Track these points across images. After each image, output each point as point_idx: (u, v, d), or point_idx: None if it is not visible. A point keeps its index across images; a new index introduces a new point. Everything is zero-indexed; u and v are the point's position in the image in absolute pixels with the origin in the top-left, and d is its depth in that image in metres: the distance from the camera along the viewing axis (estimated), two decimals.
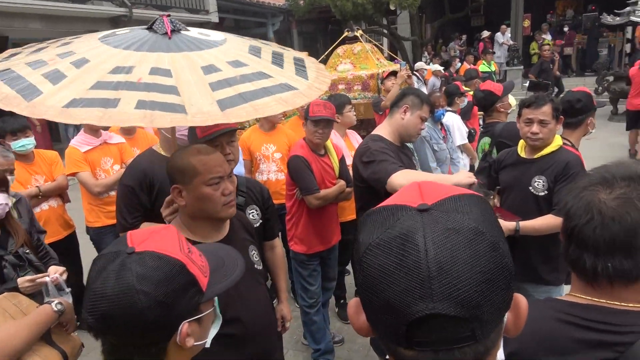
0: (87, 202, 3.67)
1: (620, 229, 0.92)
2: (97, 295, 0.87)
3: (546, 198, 2.37)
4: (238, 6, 16.16)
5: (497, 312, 0.57)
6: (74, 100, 1.42)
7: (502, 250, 0.57)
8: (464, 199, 0.60)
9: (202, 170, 1.58)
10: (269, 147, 3.82)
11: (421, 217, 0.57)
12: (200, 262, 0.98)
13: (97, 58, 1.58)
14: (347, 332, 3.70)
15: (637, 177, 0.96)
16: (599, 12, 14.04)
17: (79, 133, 3.74)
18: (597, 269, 0.95)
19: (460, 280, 0.53)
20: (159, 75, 1.55)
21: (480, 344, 0.56)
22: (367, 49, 5.87)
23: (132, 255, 0.89)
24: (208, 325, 1.02)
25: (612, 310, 0.96)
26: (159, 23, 1.73)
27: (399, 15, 15.78)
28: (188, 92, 1.52)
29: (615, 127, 9.76)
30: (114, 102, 1.43)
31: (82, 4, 10.01)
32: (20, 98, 1.41)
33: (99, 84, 1.47)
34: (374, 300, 0.57)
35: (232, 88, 1.59)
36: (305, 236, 3.14)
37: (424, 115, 2.56)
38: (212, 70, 1.64)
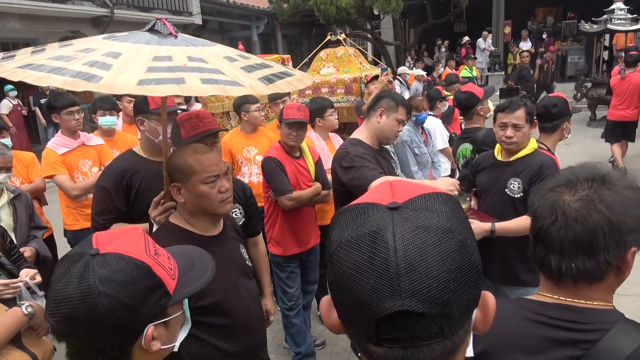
0: (65, 204, 3.60)
1: (582, 229, 0.94)
2: (59, 297, 0.85)
3: (522, 200, 2.42)
4: (222, 8, 16.11)
5: (465, 309, 0.57)
6: (141, 81, 1.43)
7: (470, 248, 0.57)
8: (434, 198, 0.60)
9: (198, 170, 1.65)
10: (251, 149, 3.82)
11: (391, 215, 0.57)
12: (168, 265, 0.96)
13: (127, 51, 1.57)
14: (329, 335, 3.70)
15: (599, 178, 0.99)
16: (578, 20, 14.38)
17: (57, 134, 3.67)
18: (561, 268, 0.97)
19: (428, 277, 0.54)
20: (198, 61, 1.60)
21: (448, 340, 0.57)
22: (351, 53, 5.90)
23: (95, 257, 0.87)
24: (176, 329, 1.00)
25: (577, 309, 0.98)
26: (160, 25, 1.73)
27: (382, 20, 15.91)
28: (230, 72, 1.61)
29: (593, 133, 9.97)
30: (181, 80, 1.47)
31: (62, 4, 9.87)
32: (82, 81, 1.39)
33: (152, 69, 1.49)
34: (344, 297, 0.58)
35: (260, 71, 1.74)
36: (282, 238, 3.14)
37: (400, 118, 2.57)
38: (233, 60, 1.75)
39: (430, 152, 4.29)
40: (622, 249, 0.95)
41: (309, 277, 3.39)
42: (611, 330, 0.93)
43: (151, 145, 2.23)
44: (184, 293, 0.97)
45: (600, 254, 0.94)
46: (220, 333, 1.68)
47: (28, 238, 2.82)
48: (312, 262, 3.35)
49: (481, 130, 3.51)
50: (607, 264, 0.95)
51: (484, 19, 16.81)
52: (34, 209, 2.90)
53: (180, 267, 1.01)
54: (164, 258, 0.96)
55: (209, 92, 1.53)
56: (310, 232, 3.26)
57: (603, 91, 10.34)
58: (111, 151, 3.78)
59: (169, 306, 0.94)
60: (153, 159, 2.21)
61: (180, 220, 1.74)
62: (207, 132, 2.05)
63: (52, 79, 1.39)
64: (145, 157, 2.23)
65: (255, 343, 1.87)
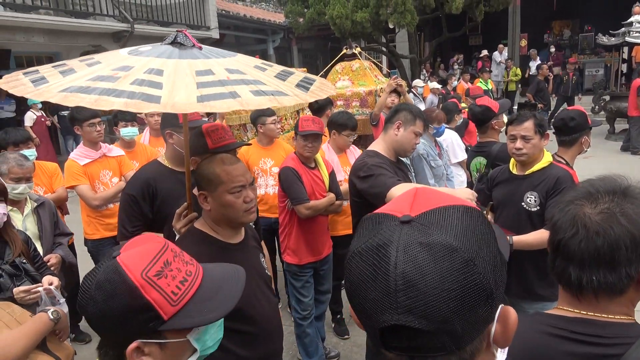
0: (86, 214, 3.68)
1: (603, 242, 0.94)
2: (82, 284, 0.92)
3: (539, 213, 2.40)
4: (239, 23, 16.36)
5: (471, 327, 0.57)
6: (201, 97, 1.45)
7: (478, 267, 0.56)
8: (450, 211, 0.60)
9: (225, 180, 1.70)
10: (267, 161, 3.86)
11: (400, 229, 0.59)
12: (172, 289, 0.91)
13: (167, 67, 1.55)
14: (343, 347, 3.69)
15: (620, 191, 0.99)
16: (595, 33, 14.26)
17: (79, 146, 3.77)
18: (582, 281, 0.97)
19: (426, 295, 0.54)
20: (236, 74, 1.62)
21: (454, 355, 0.58)
22: (366, 66, 5.95)
23: (110, 260, 0.91)
24: (178, 353, 0.95)
25: (599, 323, 0.97)
26: (182, 37, 1.73)
27: (397, 33, 15.98)
28: (269, 82, 1.64)
29: (612, 146, 9.84)
30: (235, 94, 1.49)
31: (85, 19, 10.14)
32: (144, 102, 1.38)
33: (201, 84, 1.49)
34: (354, 304, 0.62)
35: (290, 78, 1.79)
36: (297, 247, 3.18)
37: (417, 130, 2.58)
38: (263, 69, 1.79)
39: (444, 164, 4.29)
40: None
41: (322, 287, 3.40)
42: (634, 344, 0.92)
43: (178, 157, 2.30)
44: (185, 323, 0.91)
45: (622, 268, 0.94)
46: (239, 339, 1.70)
47: (53, 245, 2.89)
48: (326, 272, 3.38)
49: (496, 145, 3.50)
50: (629, 278, 0.95)
51: (500, 32, 16.79)
52: (58, 217, 2.97)
53: (201, 293, 0.95)
54: (169, 280, 0.91)
55: (264, 105, 1.53)
56: (324, 241, 3.29)
57: (622, 104, 10.23)
58: (131, 162, 3.86)
59: (166, 330, 0.90)
60: (178, 169, 2.29)
61: (205, 226, 1.79)
62: (233, 144, 2.17)
63: (111, 102, 1.36)
64: (170, 167, 2.31)
65: (272, 352, 1.89)
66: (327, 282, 3.43)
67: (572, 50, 17.92)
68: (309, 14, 13.79)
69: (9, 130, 3.58)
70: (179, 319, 0.90)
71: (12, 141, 3.46)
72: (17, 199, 2.83)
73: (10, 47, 9.68)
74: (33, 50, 10.48)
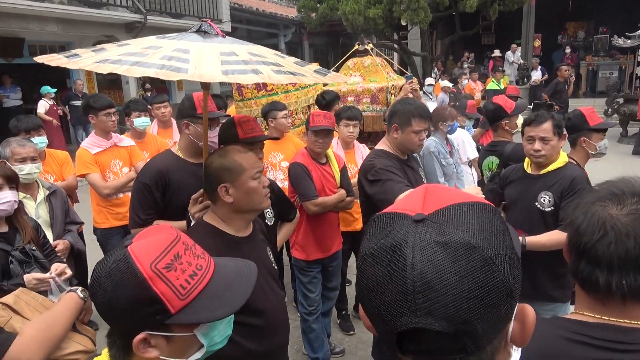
0: (96, 203, 3.70)
1: (635, 244, 0.91)
2: (93, 272, 0.92)
3: (553, 214, 2.37)
4: (251, 17, 16.36)
5: (491, 327, 0.56)
6: (226, 71, 1.54)
7: (498, 265, 0.55)
8: (465, 209, 0.58)
9: (247, 166, 1.74)
10: (277, 155, 3.85)
11: (414, 228, 0.57)
12: (182, 283, 0.89)
13: (193, 47, 1.67)
14: (348, 343, 3.68)
15: None
16: (610, 35, 14.09)
17: (90, 135, 3.79)
18: (611, 285, 0.93)
19: (446, 296, 0.52)
20: (259, 57, 1.70)
21: (474, 356, 0.56)
22: (377, 63, 5.90)
23: (121, 250, 0.91)
24: (184, 347, 0.94)
25: (622, 329, 0.95)
26: (206, 26, 1.84)
27: (409, 30, 15.89)
28: (289, 65, 1.73)
29: (624, 149, 9.73)
30: (257, 71, 1.57)
31: (98, 9, 10.18)
32: (172, 72, 1.50)
33: (225, 62, 1.58)
34: (368, 307, 0.59)
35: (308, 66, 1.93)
36: (305, 243, 3.16)
37: (416, 129, 2.49)
38: (282, 56, 1.88)
39: (455, 162, 4.26)
40: None
41: (330, 283, 3.39)
42: None
43: (192, 148, 2.31)
44: (192, 318, 0.90)
45: None
46: (247, 332, 1.70)
47: (64, 232, 2.91)
48: (335, 268, 3.36)
49: (509, 145, 3.46)
50: None
51: (513, 32, 16.63)
52: (69, 205, 2.99)
53: (211, 289, 0.93)
54: (178, 274, 0.89)
55: (285, 81, 1.65)
56: (333, 238, 3.27)
57: (635, 107, 10.10)
58: (142, 153, 3.87)
59: (171, 323, 0.89)
60: (190, 160, 2.30)
61: (215, 219, 1.79)
62: (262, 136, 2.28)
63: (142, 71, 1.49)
64: (182, 157, 2.31)
65: (278, 345, 1.89)
66: (336, 278, 3.42)
67: (586, 52, 17.71)
68: (322, 9, 13.75)
69: (21, 118, 3.62)
70: (186, 313, 0.89)
71: (24, 128, 3.50)
72: (27, 180, 2.85)
73: (24, 35, 9.74)
74: (46, 40, 10.53)
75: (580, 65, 15.82)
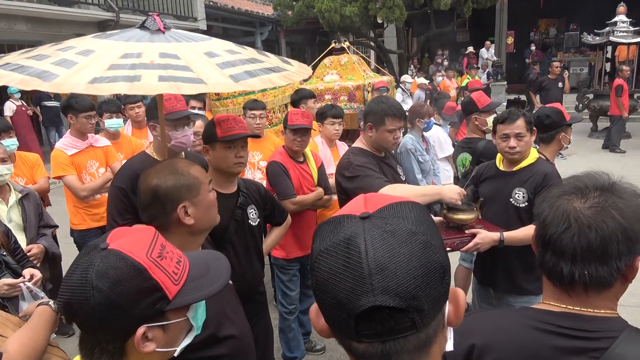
0: (73, 204, 3.65)
1: (596, 236, 0.95)
2: (64, 284, 0.89)
3: (527, 209, 2.42)
4: (226, 14, 16.20)
5: (434, 303, 0.63)
6: (96, 78, 1.50)
7: (435, 247, 0.63)
8: (401, 206, 0.67)
9: (203, 178, 1.58)
10: (255, 154, 3.83)
11: (363, 224, 0.64)
12: (173, 269, 0.95)
13: (102, 49, 1.66)
14: (329, 341, 3.70)
15: (608, 187, 1.00)
16: (580, 31, 14.44)
17: (65, 135, 3.73)
18: (574, 276, 0.97)
19: (397, 275, 0.60)
20: (169, 58, 1.65)
21: (421, 332, 0.63)
22: (354, 61, 5.93)
23: (102, 251, 0.90)
24: (178, 334, 0.98)
25: (585, 317, 0.99)
26: (150, 21, 1.81)
27: (385, 28, 15.99)
28: (200, 69, 1.64)
29: (594, 144, 10.01)
30: (137, 78, 1.52)
31: (69, 8, 9.94)
32: (38, 80, 1.46)
33: (114, 66, 1.55)
34: (326, 299, 0.64)
35: (237, 67, 1.76)
36: (284, 242, 3.16)
37: (390, 128, 2.48)
38: (214, 55, 1.78)
39: (431, 159, 4.32)
40: (632, 256, 0.96)
41: (309, 281, 3.39)
42: (618, 338, 0.94)
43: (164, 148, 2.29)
44: (187, 299, 0.95)
45: (613, 261, 0.95)
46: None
47: (37, 236, 2.85)
48: None
49: (482, 141, 3.52)
50: (618, 271, 0.96)
51: (487, 29, 16.90)
52: (42, 208, 2.92)
53: (193, 273, 0.99)
54: (169, 262, 0.95)
55: (161, 90, 1.55)
56: (311, 236, 3.26)
57: (604, 102, 10.39)
58: (117, 153, 3.82)
59: (168, 310, 0.93)
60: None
61: None
62: (242, 134, 2.19)
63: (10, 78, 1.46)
64: (158, 159, 2.30)
65: None
66: None
67: (557, 49, 18.13)
68: (298, 7, 13.72)
69: None
70: (181, 296, 0.94)
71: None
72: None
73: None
74: (15, 39, 10.23)
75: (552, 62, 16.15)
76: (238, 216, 2.26)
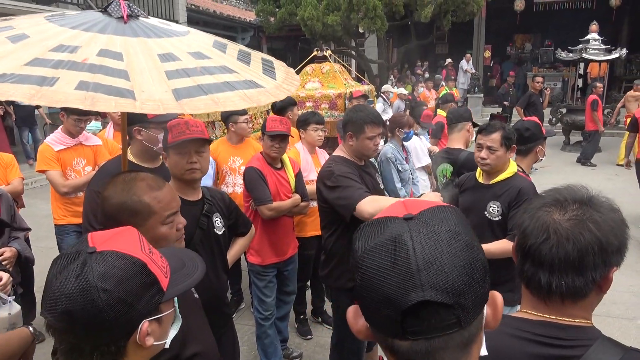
0: (54, 199, 3.66)
1: (574, 248, 0.98)
2: (57, 294, 0.87)
3: (500, 223, 2.47)
4: (208, 19, 16.13)
5: (477, 301, 0.65)
6: (3, 75, 1.26)
7: (477, 248, 0.66)
8: (442, 209, 0.69)
9: (157, 209, 1.44)
10: (236, 160, 3.83)
11: (407, 224, 0.66)
12: (161, 263, 1.00)
13: (39, 35, 1.43)
14: (306, 347, 3.70)
15: (586, 200, 1.04)
16: (555, 47, 14.86)
17: (56, 131, 3.72)
18: (551, 285, 1.00)
19: (443, 271, 0.62)
20: (109, 57, 1.40)
21: (465, 330, 0.65)
22: (336, 69, 5.99)
23: (93, 255, 0.90)
24: (168, 326, 1.03)
25: (560, 326, 1.02)
26: (114, 6, 1.59)
27: (367, 38, 16.16)
28: (140, 77, 1.38)
29: (567, 157, 10.29)
30: (51, 81, 1.28)
31: (47, 6, 9.77)
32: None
33: (36, 61, 1.32)
34: (372, 297, 0.65)
35: (191, 79, 1.46)
36: (260, 247, 3.17)
37: (370, 135, 2.53)
38: (170, 59, 1.50)
39: (411, 168, 4.38)
40: (607, 268, 1.00)
41: (286, 288, 3.40)
42: (592, 346, 0.97)
43: (146, 153, 2.29)
44: (176, 290, 1.00)
45: (589, 272, 0.99)
46: None
47: (9, 239, 2.77)
48: (290, 272, 3.37)
49: (463, 152, 3.57)
50: (593, 282, 1.00)
51: (465, 43, 17.26)
52: (15, 210, 2.85)
53: (171, 267, 1.05)
54: (157, 257, 1.00)
55: (70, 103, 1.26)
56: (288, 242, 3.29)
57: (577, 117, 10.71)
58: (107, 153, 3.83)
59: (162, 303, 0.97)
60: (145, 166, 2.27)
61: None
62: (191, 139, 2.05)
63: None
64: (137, 163, 2.28)
65: None
66: (292, 283, 3.43)
67: (532, 64, 18.63)
68: (280, 14, 13.74)
69: None
70: (172, 288, 0.99)
71: None
72: None
73: None
74: None
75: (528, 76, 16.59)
76: (203, 224, 2.15)
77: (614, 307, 3.93)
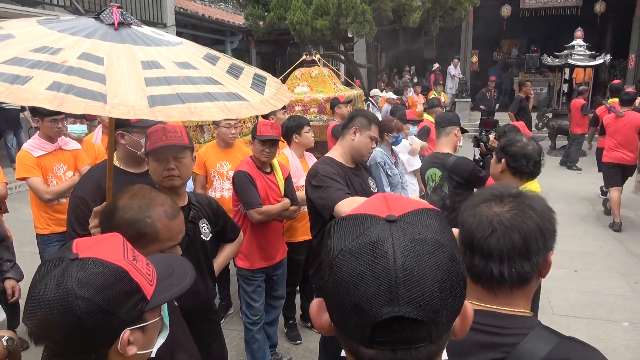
0: (36, 208, 3.56)
1: (519, 236, 1.05)
2: (36, 301, 0.87)
3: None
4: (196, 22, 16.08)
5: (451, 317, 0.62)
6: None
7: (459, 261, 0.62)
8: (425, 213, 0.65)
9: (163, 238, 1.45)
10: (224, 164, 3.80)
11: (390, 227, 0.61)
12: (147, 271, 0.98)
13: (25, 36, 1.43)
14: (295, 353, 3.68)
15: (518, 193, 1.12)
16: (541, 53, 15.07)
17: (33, 136, 3.63)
18: (504, 274, 1.06)
19: (424, 286, 0.58)
20: (89, 61, 1.39)
21: (434, 344, 0.62)
22: (325, 73, 6.01)
23: (74, 261, 0.89)
24: (154, 334, 1.01)
25: (501, 316, 1.08)
26: (107, 13, 1.59)
27: (356, 42, 16.24)
28: (116, 82, 1.37)
29: (552, 161, 10.40)
30: (24, 80, 1.27)
31: (33, 8, 9.65)
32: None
33: (15, 60, 1.31)
34: (343, 302, 0.60)
35: (171, 87, 1.44)
36: (249, 252, 3.15)
37: (373, 135, 2.66)
38: (153, 67, 1.49)
39: (400, 172, 4.39)
40: (546, 252, 1.08)
41: (275, 292, 3.39)
42: (528, 335, 1.03)
43: (131, 158, 2.25)
44: (162, 299, 0.98)
45: (534, 257, 1.06)
46: None
47: None
48: (279, 277, 3.36)
49: (452, 157, 3.58)
50: (537, 266, 1.07)
51: (453, 48, 17.44)
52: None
53: (159, 273, 1.02)
54: (142, 264, 0.98)
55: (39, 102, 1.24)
56: (277, 246, 3.28)
57: (563, 122, 10.87)
58: (87, 157, 3.75)
59: (146, 311, 0.95)
60: (130, 171, 2.24)
61: None
62: (168, 145, 2.00)
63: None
64: (121, 167, 2.25)
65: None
66: (281, 287, 3.41)
67: (519, 69, 18.87)
68: (269, 18, 13.75)
69: None
70: (157, 296, 0.97)
71: None
72: None
73: None
74: None
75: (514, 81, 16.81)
76: (190, 230, 2.09)
77: (600, 310, 3.98)
